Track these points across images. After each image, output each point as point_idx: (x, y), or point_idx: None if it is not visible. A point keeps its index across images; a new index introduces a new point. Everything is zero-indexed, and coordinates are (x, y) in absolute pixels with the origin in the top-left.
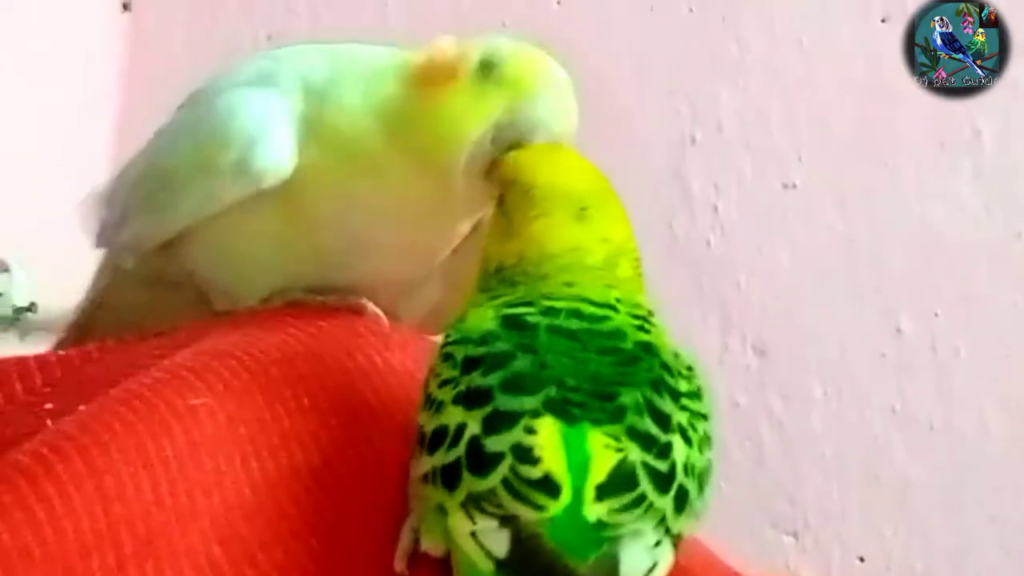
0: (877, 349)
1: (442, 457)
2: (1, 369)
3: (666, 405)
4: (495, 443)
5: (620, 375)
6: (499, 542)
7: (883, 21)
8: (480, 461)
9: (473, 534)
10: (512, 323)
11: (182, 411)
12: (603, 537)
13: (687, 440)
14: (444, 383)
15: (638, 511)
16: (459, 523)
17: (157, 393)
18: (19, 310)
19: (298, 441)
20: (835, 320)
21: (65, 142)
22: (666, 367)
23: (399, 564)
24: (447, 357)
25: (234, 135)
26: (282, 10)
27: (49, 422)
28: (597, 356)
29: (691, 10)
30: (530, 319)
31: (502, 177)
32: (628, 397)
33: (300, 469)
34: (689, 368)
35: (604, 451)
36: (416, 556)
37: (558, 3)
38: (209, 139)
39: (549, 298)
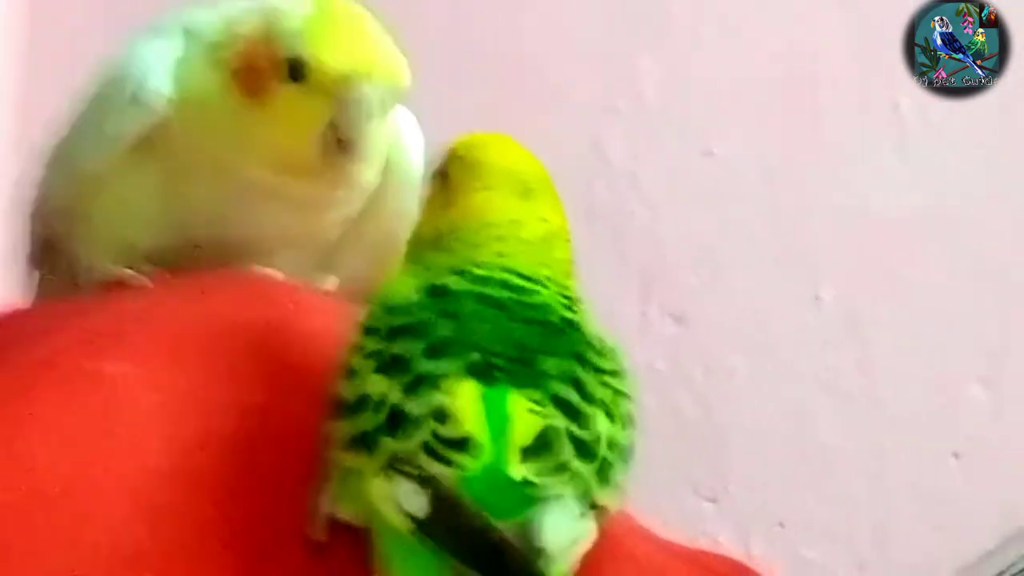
0: (798, 318)
1: (362, 423)
2: None
3: (589, 378)
4: (415, 406)
5: (544, 345)
6: (418, 503)
7: None
8: (399, 424)
9: (392, 497)
10: (436, 291)
11: (95, 376)
12: (525, 497)
13: (609, 416)
14: (364, 353)
15: (562, 476)
16: (378, 486)
17: (70, 358)
18: None
19: (214, 407)
20: (756, 289)
21: None
22: (590, 344)
23: (316, 532)
24: (368, 329)
25: (128, 70)
26: None
27: None
28: (522, 325)
29: None
30: (455, 287)
31: (449, 153)
32: (550, 365)
33: (216, 435)
34: (611, 349)
35: (527, 415)
36: (334, 524)
37: None
38: (108, 81)
39: (479, 266)
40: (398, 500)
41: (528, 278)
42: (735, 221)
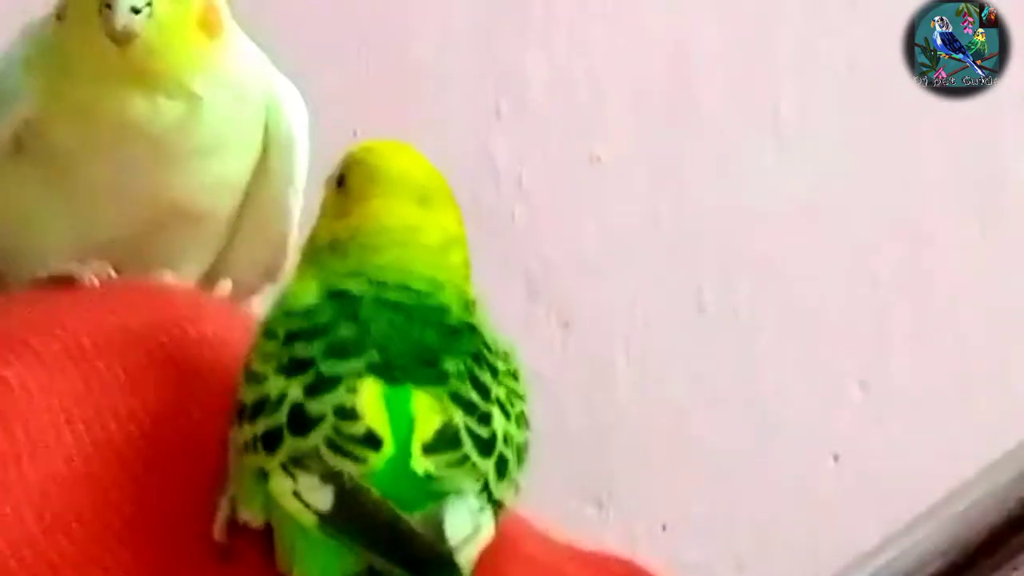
0: (681, 319)
1: (263, 424)
2: None
3: (486, 377)
4: (317, 405)
5: (443, 345)
6: (322, 497)
7: None
8: (301, 423)
9: (295, 493)
10: (335, 295)
11: None
12: (429, 490)
13: (505, 414)
14: (265, 357)
15: (463, 470)
16: (280, 483)
17: None
18: None
19: (113, 412)
20: (639, 291)
21: None
22: (486, 345)
23: (218, 534)
24: (269, 334)
25: None
26: None
27: None
28: (421, 327)
29: None
30: (354, 290)
31: (346, 160)
32: (451, 364)
33: (116, 440)
34: (506, 352)
35: (428, 412)
36: (236, 527)
37: None
38: None
39: (378, 269)
40: (302, 495)
41: (426, 280)
42: (619, 225)
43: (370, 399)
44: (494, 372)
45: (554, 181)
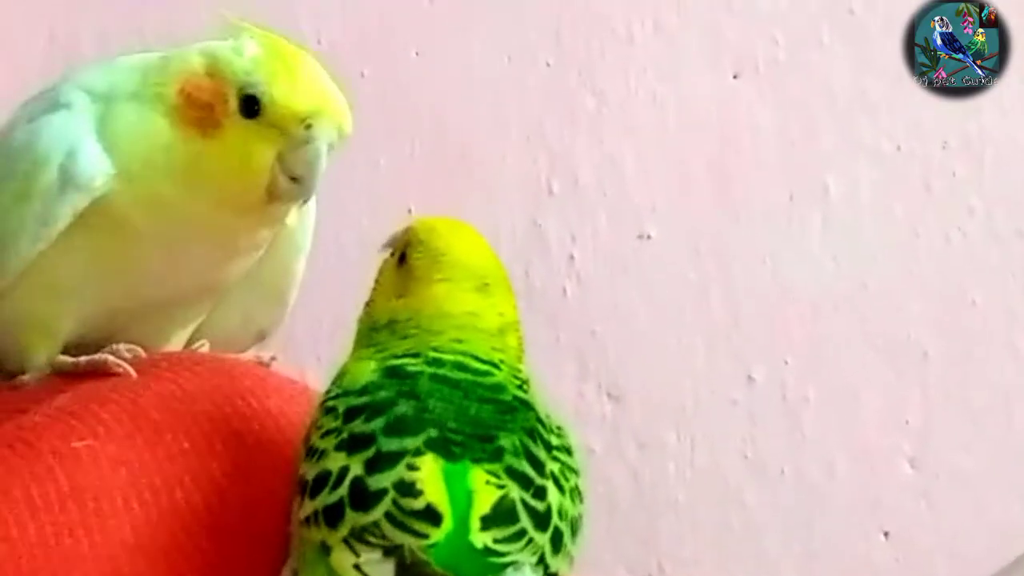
0: (729, 396)
1: (324, 499)
2: None
3: (540, 452)
4: (377, 481)
5: (499, 421)
6: (384, 571)
7: (735, 77)
8: (363, 498)
9: (357, 566)
10: (394, 373)
11: (64, 453)
12: (488, 564)
13: (560, 488)
14: (326, 433)
15: (520, 543)
16: (342, 558)
17: (39, 436)
18: None
19: (179, 483)
20: (688, 368)
21: None
22: (540, 421)
23: None
24: (329, 410)
25: (47, 153)
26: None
27: None
28: (477, 404)
29: (548, 64)
30: (412, 368)
31: (409, 237)
32: (506, 440)
33: (181, 510)
34: (560, 427)
35: (486, 487)
36: None
37: (416, 54)
38: (22, 168)
39: (437, 351)
40: (363, 569)
41: (483, 360)
42: (669, 301)
43: (429, 475)
44: (548, 447)
45: (604, 258)
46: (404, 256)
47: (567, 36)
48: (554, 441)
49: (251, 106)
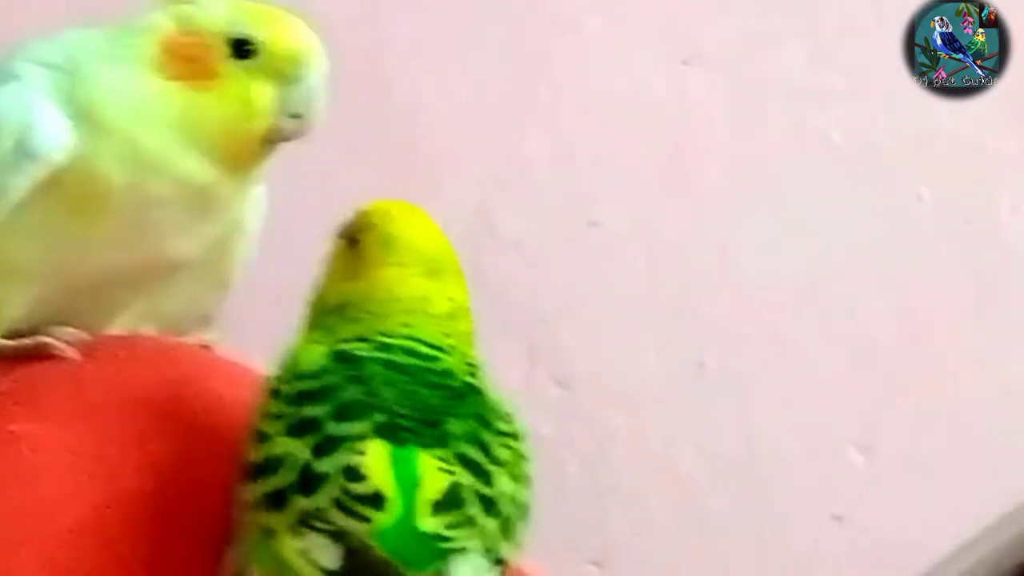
0: (680, 384)
1: (271, 483)
2: None
3: (489, 438)
4: (324, 465)
5: (448, 407)
6: (330, 556)
7: (684, 63)
8: (309, 482)
9: (303, 552)
10: (343, 357)
11: (4, 437)
12: (436, 550)
13: (511, 475)
14: (273, 418)
15: (469, 529)
16: (288, 542)
17: None
18: None
19: (122, 468)
20: (639, 355)
21: None
22: (491, 408)
23: None
24: (276, 394)
25: (2, 127)
26: None
27: None
28: (426, 389)
29: (500, 51)
30: (361, 353)
31: (360, 221)
32: (455, 426)
33: (128, 497)
34: (509, 414)
35: (435, 472)
36: None
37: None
38: None
39: (385, 335)
40: (311, 554)
41: (432, 346)
42: (620, 290)
43: (377, 460)
44: (499, 434)
45: (554, 245)
46: (356, 239)
47: (519, 23)
48: (503, 427)
49: (243, 47)
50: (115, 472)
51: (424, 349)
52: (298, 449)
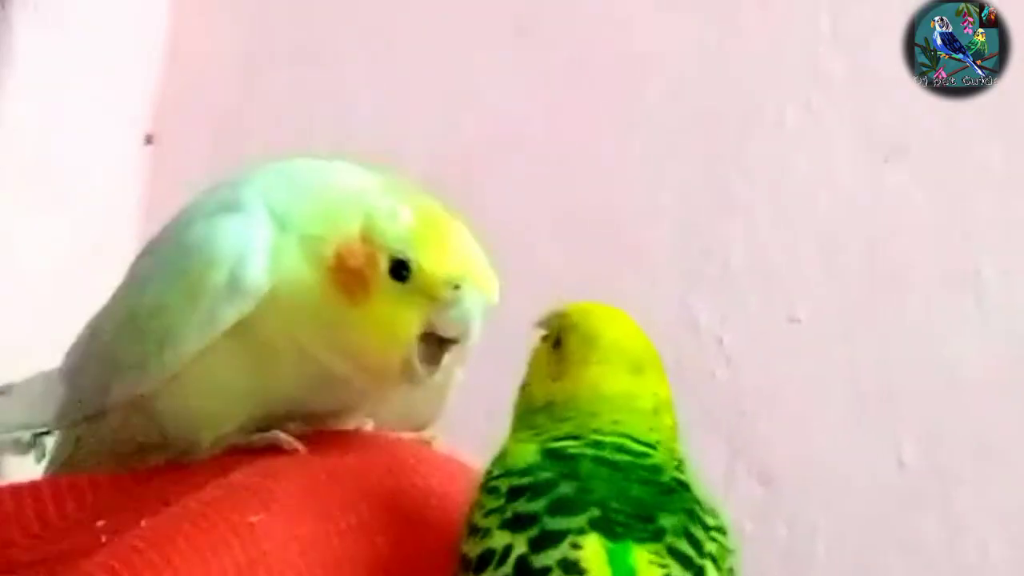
0: (882, 479)
1: None
2: (56, 488)
3: (699, 533)
4: (542, 559)
5: (659, 502)
6: None
7: (886, 161)
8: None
9: None
10: (555, 455)
11: (240, 528)
12: None
13: (717, 568)
14: (489, 512)
15: None
16: None
17: (216, 510)
18: (38, 434)
19: (347, 557)
20: (840, 450)
21: (85, 275)
22: (698, 502)
23: None
24: (492, 490)
25: (221, 254)
26: (303, 144)
27: (103, 538)
28: (637, 485)
29: (701, 149)
30: (573, 450)
31: (563, 322)
32: (667, 520)
33: None
34: (715, 509)
35: (649, 566)
36: None
37: (572, 139)
38: (195, 264)
39: (597, 432)
40: None
41: (641, 442)
42: (820, 386)
43: (594, 554)
44: (705, 528)
45: (755, 341)
46: (559, 340)
47: (719, 120)
48: (710, 522)
49: (400, 271)
50: (340, 562)
51: (634, 446)
52: (516, 543)
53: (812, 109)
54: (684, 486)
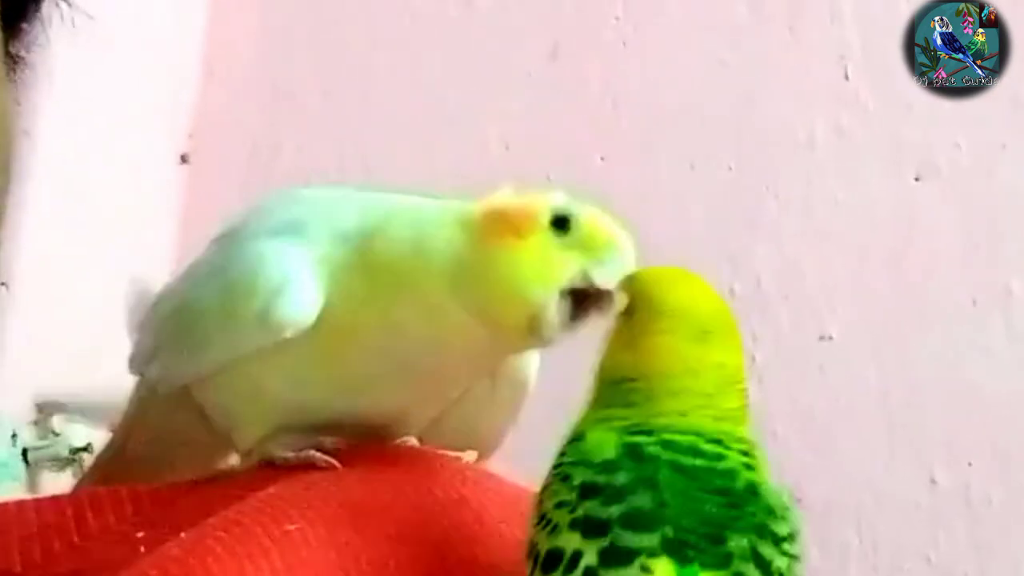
0: (912, 499)
1: None
2: (95, 499)
3: (767, 550)
4: None
5: (729, 518)
6: None
7: (916, 180)
8: None
9: None
10: (634, 452)
11: (278, 536)
12: None
13: None
14: (560, 504)
15: None
16: None
17: (254, 520)
18: (76, 450)
19: (385, 567)
20: (870, 470)
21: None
22: (770, 511)
23: None
24: (564, 477)
25: (260, 285)
26: (336, 165)
27: (143, 548)
28: (709, 496)
29: (730, 168)
30: (650, 450)
31: (632, 288)
32: (735, 543)
33: None
34: (786, 509)
35: None
36: None
37: (602, 159)
38: (236, 288)
39: (667, 430)
40: None
41: (712, 440)
42: (852, 404)
43: None
44: (776, 541)
45: (785, 359)
46: (629, 307)
47: (748, 141)
48: (782, 531)
49: (563, 223)
50: (376, 570)
51: (707, 447)
52: (586, 550)
53: (842, 129)
54: (755, 491)
